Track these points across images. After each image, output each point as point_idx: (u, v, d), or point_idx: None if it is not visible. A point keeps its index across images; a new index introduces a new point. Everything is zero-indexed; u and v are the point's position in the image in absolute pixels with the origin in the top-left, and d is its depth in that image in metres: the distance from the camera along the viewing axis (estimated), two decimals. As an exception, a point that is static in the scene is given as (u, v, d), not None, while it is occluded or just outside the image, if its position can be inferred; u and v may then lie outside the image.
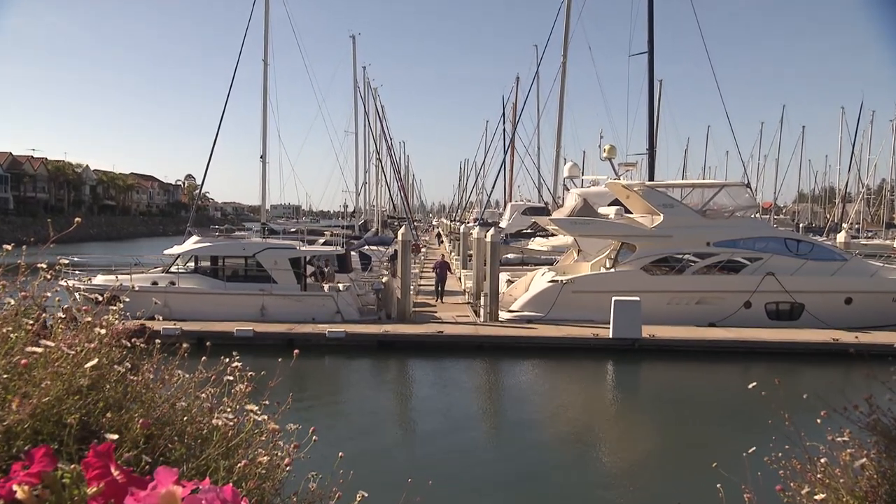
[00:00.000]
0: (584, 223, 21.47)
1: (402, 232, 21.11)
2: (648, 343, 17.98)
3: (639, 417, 13.60)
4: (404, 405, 14.27)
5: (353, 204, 44.96)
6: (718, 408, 13.81)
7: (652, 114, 25.90)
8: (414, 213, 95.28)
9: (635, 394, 15.77)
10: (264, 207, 29.82)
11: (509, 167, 55.41)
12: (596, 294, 19.91)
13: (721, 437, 11.62)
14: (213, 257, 20.77)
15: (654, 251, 21.00)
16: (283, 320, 18.99)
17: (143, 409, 2.00)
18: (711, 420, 12.99)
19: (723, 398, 14.53)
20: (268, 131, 28.26)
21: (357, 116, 41.78)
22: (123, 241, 73.10)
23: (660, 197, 21.54)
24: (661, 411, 13.93)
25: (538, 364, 17.52)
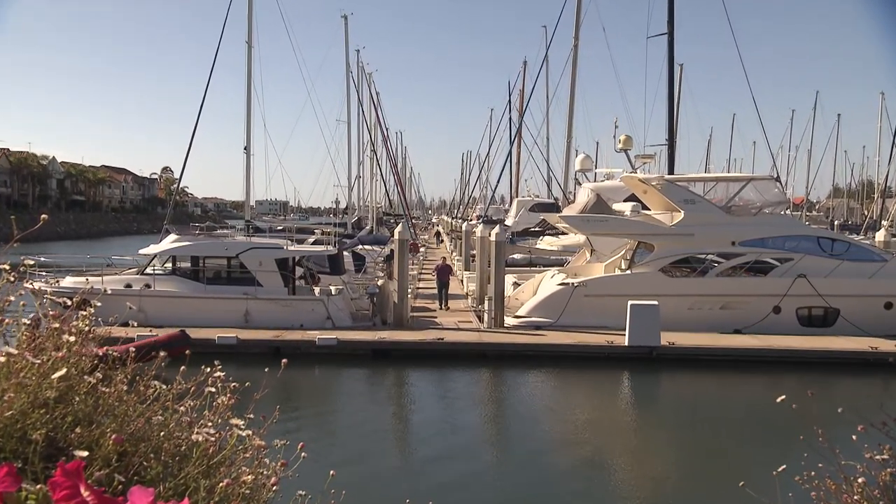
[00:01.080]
0: (598, 221, 21.47)
1: (399, 230, 21.12)
2: (668, 351, 17.97)
3: (657, 433, 13.59)
4: (401, 419, 14.27)
5: (346, 200, 45.00)
6: (745, 422, 13.80)
7: (672, 101, 25.90)
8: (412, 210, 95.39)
9: (653, 407, 15.76)
10: (249, 203, 29.85)
11: (516, 160, 55.52)
12: (610, 298, 19.90)
13: (748, 454, 11.61)
14: (192, 258, 20.78)
15: (674, 251, 21.00)
16: (270, 326, 19.00)
17: (116, 423, 1.99)
18: (738, 436, 12.98)
19: (750, 412, 14.51)
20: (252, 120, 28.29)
21: (350, 104, 41.83)
22: (94, 240, 73.23)
23: (680, 192, 21.54)
24: (682, 426, 13.92)
25: (547, 374, 17.51)
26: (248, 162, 28.12)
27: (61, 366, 1.89)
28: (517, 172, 56.47)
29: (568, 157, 39.78)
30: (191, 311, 19.32)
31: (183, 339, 15.33)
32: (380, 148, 54.57)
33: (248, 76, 27.17)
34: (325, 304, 19.81)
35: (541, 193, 52.29)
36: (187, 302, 19.57)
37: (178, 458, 2.02)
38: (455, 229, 52.40)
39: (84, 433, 1.84)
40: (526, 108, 43.31)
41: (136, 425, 2.04)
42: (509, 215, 46.36)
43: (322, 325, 19.35)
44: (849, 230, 46.52)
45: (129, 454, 1.91)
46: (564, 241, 32.34)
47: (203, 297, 19.73)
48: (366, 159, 49.75)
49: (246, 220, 28.97)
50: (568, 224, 22.47)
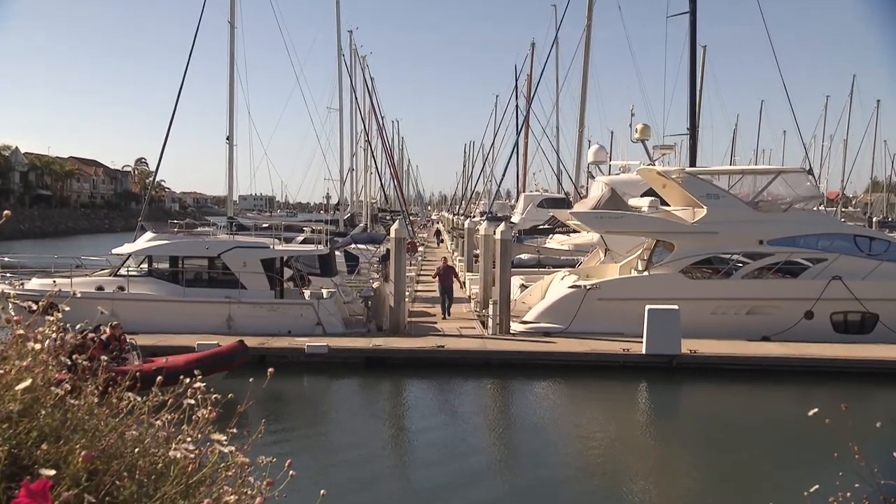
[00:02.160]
0: (612, 217, 21.47)
1: (396, 228, 21.13)
2: (689, 360, 17.97)
3: (677, 449, 13.59)
4: (398, 434, 14.27)
5: (338, 194, 44.98)
6: (774, 438, 13.79)
7: (694, 87, 25.89)
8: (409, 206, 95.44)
9: (673, 421, 15.76)
10: (231, 198, 29.84)
11: (523, 151, 55.53)
12: (626, 302, 19.90)
13: (777, 473, 11.60)
14: (170, 258, 20.80)
15: (695, 251, 21.00)
16: (254, 333, 19.00)
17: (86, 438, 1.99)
18: (766, 453, 12.96)
19: (779, 427, 14.50)
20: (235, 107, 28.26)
21: (342, 90, 41.81)
22: (62, 238, 73.33)
23: (703, 186, 21.54)
24: (705, 442, 13.91)
25: (557, 385, 17.50)
26: (231, 153, 28.12)
27: (26, 376, 1.89)
28: (524, 165, 56.55)
29: (580, 147, 39.79)
30: (168, 316, 19.35)
31: (243, 350, 15.47)
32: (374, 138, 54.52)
33: (230, 59, 27.17)
34: (315, 309, 19.82)
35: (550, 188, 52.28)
36: (164, 306, 19.59)
37: (155, 477, 2.01)
38: (457, 227, 52.47)
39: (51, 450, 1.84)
40: (534, 94, 43.29)
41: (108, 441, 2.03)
42: (516, 212, 46.37)
43: (312, 332, 19.36)
44: (889, 228, 46.46)
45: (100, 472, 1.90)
46: (576, 240, 32.41)
47: (182, 300, 19.74)
48: (359, 151, 49.75)
49: (229, 216, 28.97)
50: (580, 221, 22.48)
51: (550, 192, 48.64)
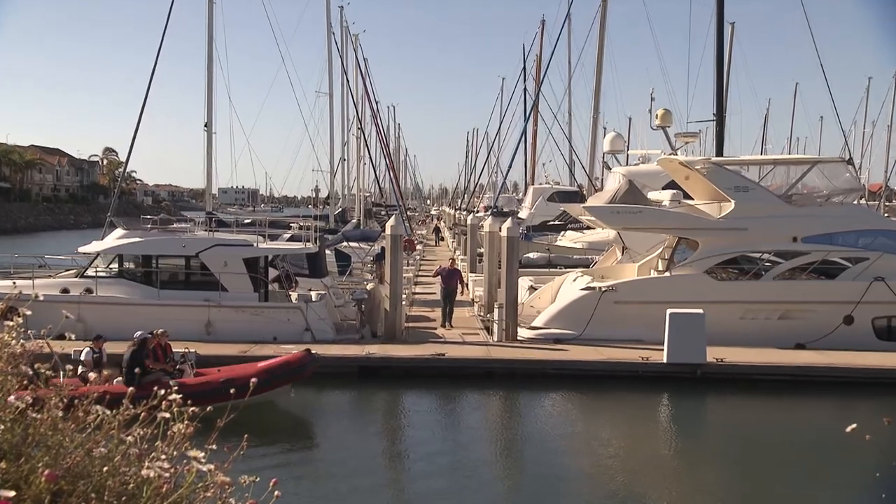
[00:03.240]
0: (630, 212, 21.46)
1: (392, 224, 21.13)
2: (715, 370, 17.97)
3: (703, 469, 13.58)
4: (393, 452, 14.27)
5: (328, 187, 45.05)
6: (809, 456, 13.78)
7: (721, 68, 25.87)
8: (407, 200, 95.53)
9: (698, 437, 15.75)
10: (210, 191, 29.89)
11: (531, 139, 55.58)
12: (645, 305, 19.90)
13: (813, 494, 11.60)
14: (143, 257, 20.82)
15: (722, 249, 20.99)
16: (236, 339, 19.02)
17: (50, 456, 1.98)
18: (800, 472, 12.96)
19: (815, 444, 14.49)
20: (214, 90, 28.33)
21: (332, 72, 41.85)
22: (22, 235, 73.45)
23: (730, 178, 21.53)
24: (734, 460, 13.90)
25: (569, 398, 17.49)
26: (210, 141, 28.18)
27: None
28: (533, 154, 56.57)
29: (594, 135, 39.81)
30: (141, 321, 19.21)
31: (312, 360, 15.55)
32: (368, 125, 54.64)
33: (208, 37, 27.23)
34: (303, 313, 19.83)
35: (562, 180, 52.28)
36: (137, 310, 19.59)
37: (126, 498, 2.01)
38: (459, 223, 52.44)
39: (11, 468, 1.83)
40: (544, 77, 43.31)
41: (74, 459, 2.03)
42: (524, 206, 46.37)
43: (300, 338, 19.37)
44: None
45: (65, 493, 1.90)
46: (590, 238, 32.40)
47: (156, 304, 19.75)
48: (351, 139, 49.82)
49: (207, 211, 29.01)
50: (594, 216, 22.46)
51: (562, 185, 48.63)
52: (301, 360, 15.32)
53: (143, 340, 14.71)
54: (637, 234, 23.78)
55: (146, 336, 14.87)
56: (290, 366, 15.17)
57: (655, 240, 23.45)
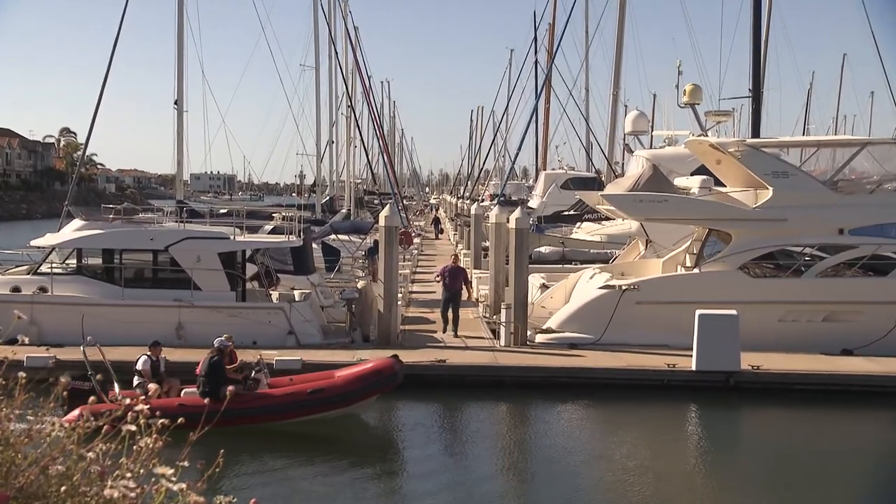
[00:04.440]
0: (654, 201, 21.45)
1: (386, 214, 21.12)
2: (750, 379, 17.97)
3: (737, 491, 13.57)
4: (387, 469, 14.28)
5: (314, 173, 45.02)
6: (857, 475, 13.78)
7: (758, 37, 25.84)
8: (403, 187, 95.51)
9: (731, 454, 15.73)
10: (181, 177, 29.89)
11: (544, 119, 55.55)
12: (672, 306, 19.91)
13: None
14: (105, 251, 20.81)
15: (758, 242, 20.99)
16: (210, 344, 18.94)
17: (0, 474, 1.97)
18: (847, 494, 12.96)
19: (863, 462, 14.50)
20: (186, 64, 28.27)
21: (318, 43, 41.81)
22: (-29, 228, 73.31)
23: (768, 161, 21.50)
24: (771, 480, 13.90)
25: (586, 410, 17.49)
26: (181, 121, 28.15)
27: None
28: (545, 136, 56.56)
29: (614, 114, 39.79)
30: (102, 324, 19.31)
31: (402, 368, 15.53)
32: (359, 103, 54.60)
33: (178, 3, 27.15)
34: (286, 314, 19.83)
35: (577, 164, 52.32)
36: (98, 311, 19.59)
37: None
38: (461, 213, 52.54)
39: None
40: (557, 48, 43.18)
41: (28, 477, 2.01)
42: (535, 194, 46.37)
43: (282, 343, 19.38)
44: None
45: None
46: (609, 230, 32.40)
47: (119, 304, 19.76)
48: (340, 119, 49.79)
49: (178, 199, 29.02)
50: (613, 206, 22.45)
51: (577, 170, 48.60)
52: (391, 367, 15.27)
53: (223, 348, 14.74)
54: (662, 226, 23.77)
55: (225, 343, 14.90)
56: (380, 375, 15.18)
57: (683, 232, 23.42)
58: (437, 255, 42.54)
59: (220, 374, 14.21)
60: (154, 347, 15.36)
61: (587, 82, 51.01)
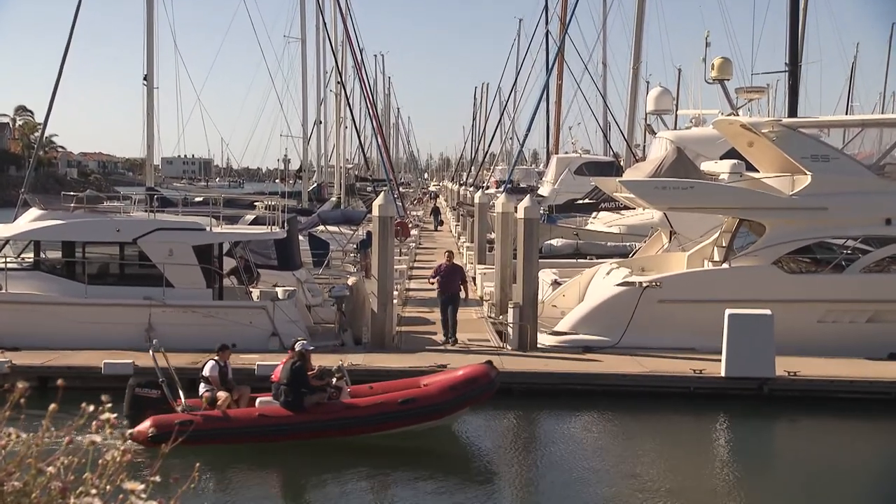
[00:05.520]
0: (679, 188, 21.42)
1: (380, 203, 21.09)
2: (786, 386, 17.98)
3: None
4: (382, 483, 14.30)
5: (300, 157, 45.01)
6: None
7: (795, 6, 25.75)
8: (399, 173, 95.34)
9: (764, 470, 15.74)
10: (151, 162, 29.85)
11: (556, 97, 55.47)
12: (698, 305, 19.93)
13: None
14: (65, 244, 20.78)
15: (795, 234, 20.98)
16: (185, 347, 18.92)
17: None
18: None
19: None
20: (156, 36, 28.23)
21: (304, 13, 41.77)
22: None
23: (807, 144, 21.47)
24: (809, 498, 13.90)
25: (602, 421, 17.48)
26: (150, 99, 28.14)
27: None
28: (557, 116, 56.52)
29: (635, 91, 39.71)
30: (63, 325, 19.33)
31: (498, 375, 15.63)
32: (350, 79, 54.48)
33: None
34: (268, 314, 19.83)
35: (593, 147, 52.36)
36: (58, 311, 19.60)
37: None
38: (463, 202, 52.45)
39: None
40: (571, 17, 43.15)
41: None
42: (546, 180, 46.43)
43: (264, 346, 19.39)
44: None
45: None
46: (629, 220, 32.38)
47: (82, 303, 19.75)
48: (329, 96, 49.78)
49: (148, 186, 28.97)
50: (633, 193, 22.44)
51: (593, 154, 48.62)
52: (487, 374, 15.30)
53: (305, 352, 14.73)
54: (688, 217, 23.73)
55: (308, 347, 14.93)
56: (475, 383, 15.18)
57: (711, 223, 23.39)
58: (436, 248, 42.51)
59: (303, 382, 14.23)
60: (222, 352, 15.29)
61: (604, 56, 51.18)
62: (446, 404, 14.95)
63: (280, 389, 14.30)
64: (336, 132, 51.63)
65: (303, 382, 14.21)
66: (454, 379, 15.27)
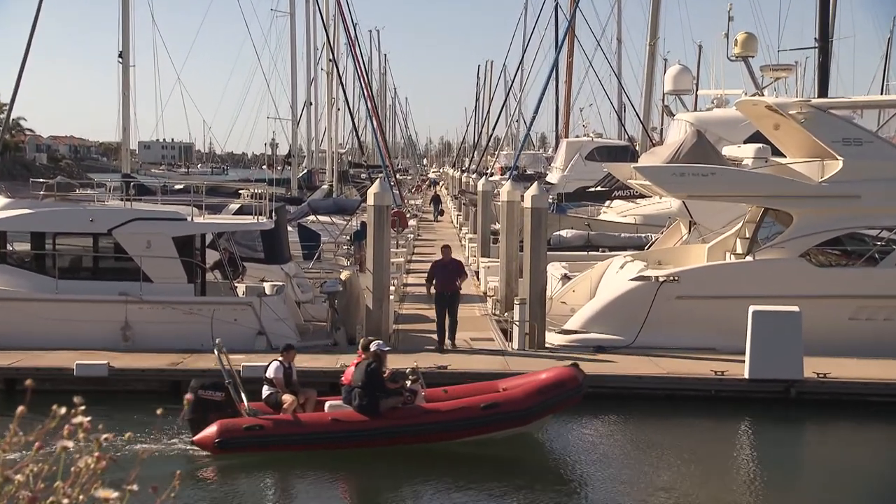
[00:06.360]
0: (699, 175, 21.40)
1: (376, 191, 21.07)
2: (816, 389, 17.99)
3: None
4: (375, 495, 14.30)
5: (288, 141, 44.99)
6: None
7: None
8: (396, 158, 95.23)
9: (792, 479, 15.76)
10: (128, 146, 29.83)
11: (566, 76, 55.40)
12: (720, 301, 19.96)
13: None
14: (35, 235, 20.79)
15: (825, 224, 20.97)
16: (165, 347, 19.04)
17: None
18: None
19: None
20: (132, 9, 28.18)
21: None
22: None
23: (838, 126, 21.44)
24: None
25: (616, 427, 17.49)
26: (126, 78, 28.10)
27: None
28: (567, 96, 56.50)
29: (651, 70, 39.64)
30: (32, 323, 19.34)
31: (585, 379, 15.58)
32: (343, 57, 54.39)
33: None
34: (254, 311, 19.83)
35: (606, 131, 52.27)
36: (27, 308, 19.61)
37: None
38: (466, 189, 52.48)
39: None
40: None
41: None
42: (554, 166, 46.40)
43: (251, 345, 19.40)
44: None
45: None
46: (644, 209, 32.36)
47: (52, 299, 19.76)
48: (320, 75, 49.67)
49: (125, 173, 28.96)
50: (649, 180, 22.42)
51: (606, 137, 48.57)
52: (574, 378, 15.29)
53: (381, 353, 14.74)
54: (708, 205, 23.74)
55: (384, 348, 14.94)
56: (564, 387, 15.19)
57: (733, 212, 23.39)
58: (436, 240, 42.45)
59: (379, 385, 14.22)
60: (287, 352, 15.32)
61: (619, 31, 51.09)
62: (533, 409, 14.90)
63: (354, 393, 14.27)
64: (328, 114, 51.49)
65: (379, 385, 14.20)
66: (540, 382, 15.22)
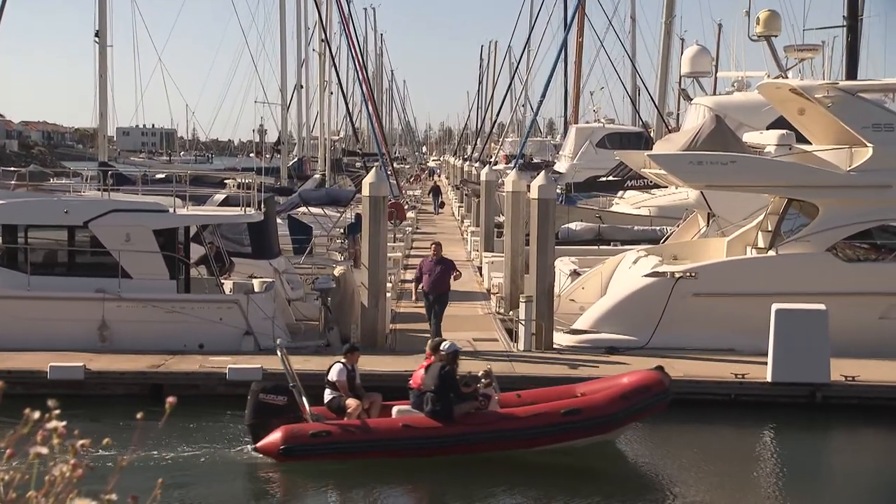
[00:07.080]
0: (718, 163, 21.41)
1: (371, 181, 21.06)
2: (843, 392, 18.00)
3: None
4: None
5: (278, 127, 44.99)
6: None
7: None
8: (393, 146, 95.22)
9: (818, 489, 15.77)
10: (105, 133, 29.82)
11: (575, 58, 55.34)
12: (740, 299, 20.00)
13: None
14: (6, 228, 20.78)
15: (854, 216, 20.95)
16: (145, 348, 19.07)
17: None
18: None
19: None
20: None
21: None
22: None
23: (868, 111, 21.43)
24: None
25: (630, 431, 17.49)
26: (104, 59, 28.09)
27: None
28: (577, 79, 56.43)
29: (667, 51, 39.60)
30: (3, 323, 19.33)
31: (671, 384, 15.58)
32: (336, 36, 54.38)
33: None
34: (241, 309, 19.83)
35: (618, 116, 52.25)
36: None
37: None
38: (468, 179, 52.45)
39: None
40: (593, -36, 43.03)
41: None
42: (563, 154, 46.38)
43: (237, 346, 19.44)
44: None
45: None
46: (659, 200, 32.38)
47: (24, 297, 19.77)
48: (312, 56, 49.60)
49: (101, 161, 28.95)
50: (665, 169, 22.42)
51: (618, 123, 48.55)
52: (661, 382, 15.26)
53: (456, 353, 14.73)
54: (728, 196, 23.72)
55: (457, 349, 14.90)
56: (650, 391, 15.11)
57: (755, 204, 23.37)
58: (436, 233, 42.52)
59: (454, 389, 14.22)
60: (351, 354, 15.28)
61: (633, 9, 51.14)
62: (617, 416, 14.85)
63: (426, 397, 14.22)
64: (320, 98, 51.42)
65: (453, 389, 14.19)
66: (624, 387, 15.12)
